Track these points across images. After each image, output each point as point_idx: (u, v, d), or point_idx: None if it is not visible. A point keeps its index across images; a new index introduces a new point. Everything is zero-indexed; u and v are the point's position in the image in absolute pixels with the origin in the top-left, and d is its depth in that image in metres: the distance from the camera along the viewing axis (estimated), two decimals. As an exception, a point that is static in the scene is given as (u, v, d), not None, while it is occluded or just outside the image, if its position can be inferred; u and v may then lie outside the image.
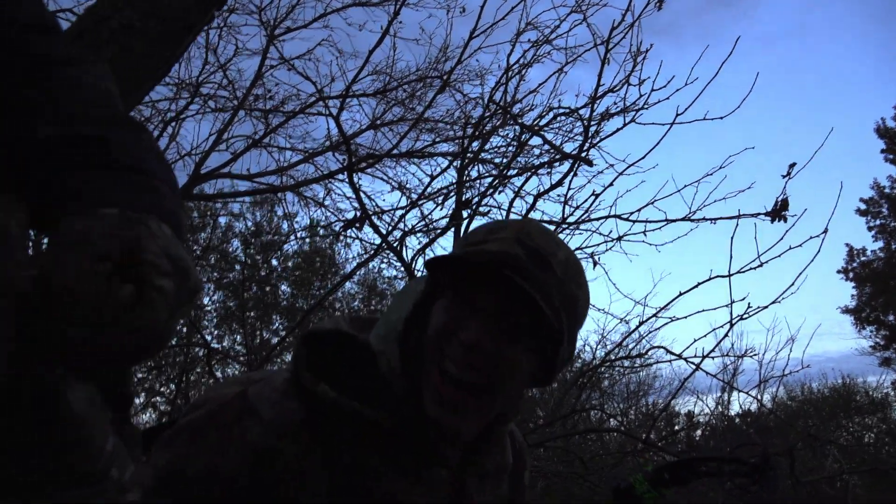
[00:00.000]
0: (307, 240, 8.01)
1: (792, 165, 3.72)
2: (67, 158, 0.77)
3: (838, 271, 19.35)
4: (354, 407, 0.96)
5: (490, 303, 0.97)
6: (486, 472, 1.11)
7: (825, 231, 3.64)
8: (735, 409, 11.09)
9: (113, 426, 0.70)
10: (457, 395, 0.96)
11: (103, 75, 0.86)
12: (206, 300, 8.91)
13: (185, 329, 8.54)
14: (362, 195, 4.58)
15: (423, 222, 4.62)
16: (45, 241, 0.70)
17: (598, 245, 4.46)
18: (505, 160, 4.70)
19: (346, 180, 4.62)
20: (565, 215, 4.38)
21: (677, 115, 3.86)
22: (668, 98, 3.98)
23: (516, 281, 0.93)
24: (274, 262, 9.38)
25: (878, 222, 19.29)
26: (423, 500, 0.99)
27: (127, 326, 0.67)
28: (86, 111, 0.80)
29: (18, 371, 0.63)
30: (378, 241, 4.64)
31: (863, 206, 19.36)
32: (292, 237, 8.52)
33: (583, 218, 4.39)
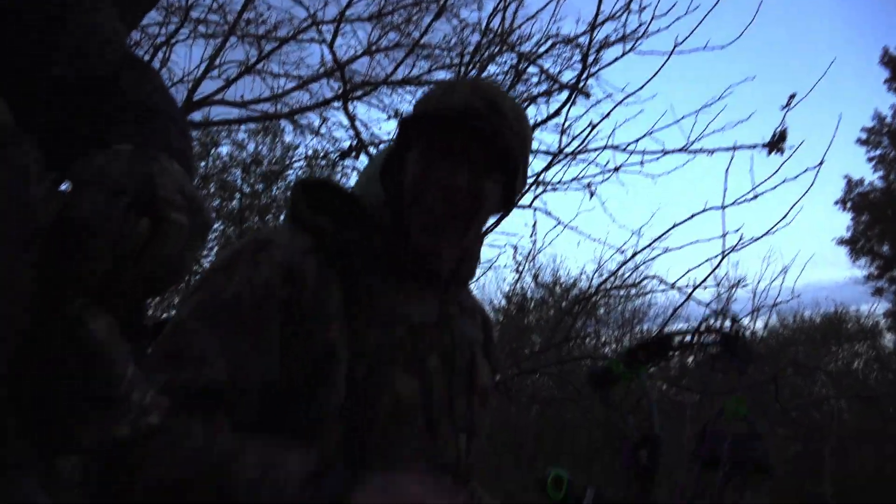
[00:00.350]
0: (307, 169, 7.94)
1: (792, 96, 3.68)
2: (82, 99, 0.79)
3: (836, 202, 19.32)
4: (351, 235, 1.15)
5: (458, 147, 1.15)
6: (464, 308, 1.30)
7: (821, 163, 3.63)
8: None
9: (131, 356, 0.74)
10: (439, 225, 1.15)
11: (111, 16, 0.87)
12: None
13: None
14: (358, 124, 4.53)
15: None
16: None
17: (595, 176, 4.45)
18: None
19: (342, 108, 4.57)
20: (562, 145, 4.36)
21: (676, 44, 3.79)
22: (668, 27, 3.90)
23: (485, 127, 1.12)
24: (275, 192, 9.33)
25: (878, 152, 19.14)
26: (417, 312, 1.17)
27: (144, 259, 0.70)
28: (99, 52, 0.82)
29: (42, 301, 0.66)
30: (374, 171, 4.62)
31: (864, 136, 19.17)
32: (290, 170, 8.45)
33: (580, 148, 4.37)
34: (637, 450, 1.39)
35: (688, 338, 1.66)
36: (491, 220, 1.37)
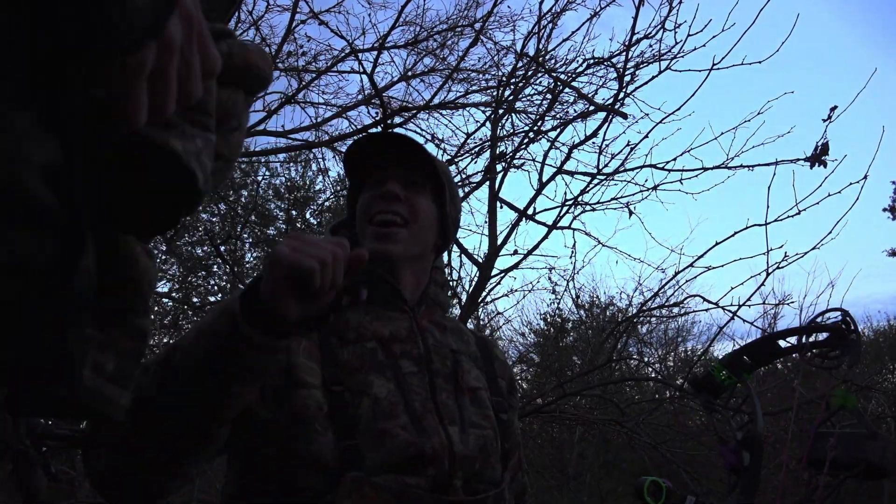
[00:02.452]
0: (342, 192, 8.08)
1: (833, 109, 3.63)
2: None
3: (884, 209, 18.74)
4: None
5: (389, 174, 1.37)
6: (446, 327, 1.43)
7: (865, 177, 3.57)
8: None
9: None
10: (385, 230, 1.34)
11: None
12: (248, 256, 9.09)
13: (228, 286, 8.76)
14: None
15: (457, 177, 4.64)
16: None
17: (634, 195, 4.44)
18: (539, 110, 4.67)
19: (381, 135, 4.63)
20: (600, 165, 4.36)
21: (714, 64, 3.78)
22: (704, 45, 3.91)
23: (401, 145, 1.37)
24: (310, 218, 9.48)
25: (928, 162, 18.55)
26: (387, 328, 1.32)
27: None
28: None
29: None
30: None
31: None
32: (324, 194, 8.60)
33: (618, 168, 4.37)
34: (739, 451, 1.35)
35: (792, 340, 1.55)
36: (445, 255, 1.53)
